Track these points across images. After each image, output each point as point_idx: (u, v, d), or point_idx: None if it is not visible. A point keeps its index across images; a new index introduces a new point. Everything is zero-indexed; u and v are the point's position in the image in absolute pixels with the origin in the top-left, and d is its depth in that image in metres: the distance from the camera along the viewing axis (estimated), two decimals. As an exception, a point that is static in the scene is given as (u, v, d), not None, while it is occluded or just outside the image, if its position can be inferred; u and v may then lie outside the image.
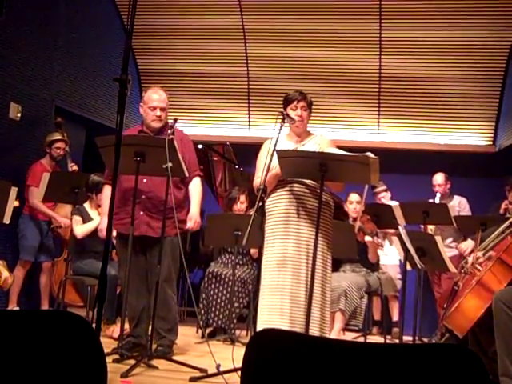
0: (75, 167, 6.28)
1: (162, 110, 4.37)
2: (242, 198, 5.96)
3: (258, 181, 3.84)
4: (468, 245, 5.83)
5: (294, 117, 3.97)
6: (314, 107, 4.15)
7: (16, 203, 4.44)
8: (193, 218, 4.36)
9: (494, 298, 3.32)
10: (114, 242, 5.43)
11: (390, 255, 6.62)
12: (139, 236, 4.26)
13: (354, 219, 5.79)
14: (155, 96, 4.39)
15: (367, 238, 5.67)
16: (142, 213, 4.28)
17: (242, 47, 7.80)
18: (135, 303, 4.36)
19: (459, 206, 6.65)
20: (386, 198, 6.79)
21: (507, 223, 3.91)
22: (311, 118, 4.15)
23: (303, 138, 4.11)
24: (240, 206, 5.94)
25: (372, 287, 5.79)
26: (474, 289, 3.69)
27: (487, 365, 3.55)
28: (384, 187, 6.75)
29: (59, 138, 6.07)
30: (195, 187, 4.44)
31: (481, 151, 7.50)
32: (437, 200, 6.61)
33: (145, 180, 4.28)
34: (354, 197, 5.95)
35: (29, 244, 5.89)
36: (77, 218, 5.39)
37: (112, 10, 7.66)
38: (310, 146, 4.05)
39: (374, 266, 5.92)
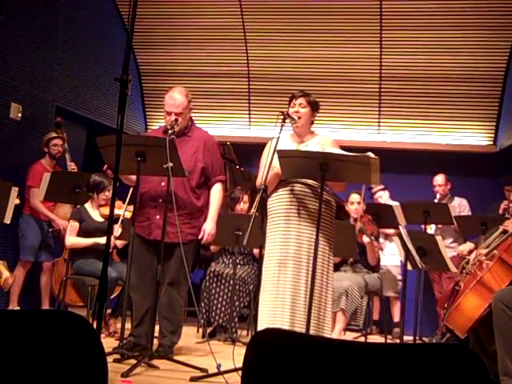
0: (74, 166, 6.27)
1: (178, 115, 4.26)
2: (245, 197, 5.97)
3: (260, 180, 3.85)
4: (466, 247, 5.85)
5: (294, 116, 3.98)
6: (314, 107, 4.15)
7: (17, 201, 4.44)
8: (206, 230, 4.27)
9: (494, 298, 3.32)
10: (117, 242, 5.43)
11: (389, 256, 6.62)
12: (154, 240, 4.27)
13: (356, 219, 5.79)
14: (169, 101, 4.30)
15: (365, 239, 5.66)
16: (158, 217, 4.23)
17: (242, 47, 7.80)
18: (140, 303, 4.34)
19: (459, 207, 6.65)
20: (383, 197, 6.79)
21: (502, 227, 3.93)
22: (311, 117, 4.15)
23: (306, 138, 4.10)
24: (243, 205, 5.95)
25: (372, 287, 5.79)
26: (474, 288, 3.69)
27: (487, 364, 3.54)
28: (381, 186, 6.75)
29: (55, 135, 6.08)
30: (215, 195, 4.37)
31: (481, 151, 7.50)
32: (436, 201, 6.61)
33: (163, 183, 4.21)
34: (354, 197, 5.94)
35: (29, 244, 5.89)
36: (73, 224, 5.29)
37: (112, 10, 7.67)
38: (312, 146, 4.04)
39: (375, 267, 5.92)
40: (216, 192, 4.39)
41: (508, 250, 3.69)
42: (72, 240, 5.27)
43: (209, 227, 4.29)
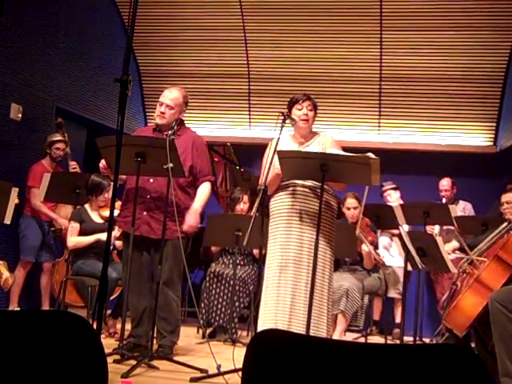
0: (75, 165, 6.24)
1: (168, 107, 4.30)
2: (245, 198, 5.97)
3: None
4: (450, 246, 5.85)
5: (295, 117, 3.98)
6: (314, 108, 4.15)
7: (16, 200, 4.44)
8: (187, 222, 4.25)
9: (490, 299, 3.32)
10: (116, 243, 5.42)
11: (396, 256, 6.61)
12: (141, 236, 4.27)
13: (354, 223, 5.78)
14: (166, 92, 4.39)
15: (364, 248, 5.65)
16: (145, 213, 4.27)
17: (242, 48, 7.80)
18: (136, 303, 4.35)
19: (463, 211, 6.63)
20: (392, 196, 6.76)
21: (501, 227, 3.93)
22: (312, 118, 4.16)
23: (307, 138, 4.11)
24: (243, 205, 5.96)
25: (372, 288, 5.78)
26: (471, 287, 3.69)
27: (485, 358, 3.55)
28: (392, 186, 6.74)
29: (59, 138, 6.06)
30: (202, 191, 4.36)
31: (482, 152, 7.50)
32: None
33: (151, 180, 4.27)
34: (351, 202, 5.92)
35: (30, 244, 5.88)
36: (74, 225, 5.30)
37: (113, 10, 7.67)
38: (314, 146, 4.05)
39: (375, 268, 5.91)
40: (203, 188, 4.36)
41: (504, 248, 3.69)
42: (74, 240, 5.28)
43: (190, 219, 4.27)
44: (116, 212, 5.34)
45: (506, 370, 3.19)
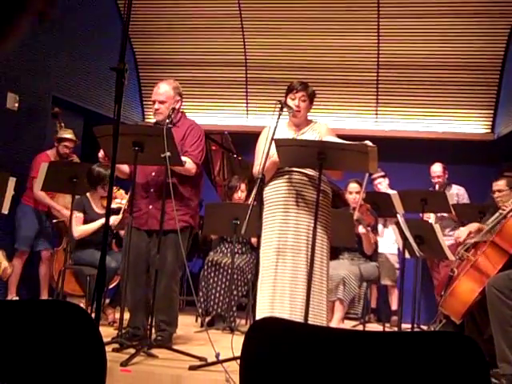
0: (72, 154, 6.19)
1: (161, 102, 4.29)
2: (243, 186, 5.96)
3: (257, 169, 3.84)
4: (463, 232, 5.83)
5: (292, 105, 3.97)
6: (312, 96, 4.14)
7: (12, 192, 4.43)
8: None
9: (487, 285, 3.34)
10: (121, 232, 5.41)
11: (388, 243, 6.62)
12: (147, 230, 4.29)
13: (354, 209, 5.79)
14: (155, 89, 4.37)
15: (360, 230, 5.65)
16: (151, 207, 4.27)
17: (239, 36, 7.77)
18: (132, 294, 4.34)
19: (457, 196, 6.64)
20: (382, 184, 6.77)
21: (498, 213, 3.94)
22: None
23: (303, 126, 4.11)
24: (240, 194, 5.95)
25: (369, 276, 5.79)
26: (468, 272, 3.71)
27: (484, 347, 3.57)
28: (381, 173, 6.73)
29: (69, 137, 6.02)
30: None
31: (479, 139, 7.50)
32: None
33: (153, 173, 4.27)
34: (353, 187, 5.93)
35: (24, 234, 5.86)
36: (77, 215, 5.29)
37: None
38: (309, 134, 4.05)
39: (373, 255, 5.92)
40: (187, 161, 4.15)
41: (500, 234, 3.70)
42: (80, 229, 5.27)
43: None
44: (118, 201, 5.35)
45: (503, 356, 3.21)
